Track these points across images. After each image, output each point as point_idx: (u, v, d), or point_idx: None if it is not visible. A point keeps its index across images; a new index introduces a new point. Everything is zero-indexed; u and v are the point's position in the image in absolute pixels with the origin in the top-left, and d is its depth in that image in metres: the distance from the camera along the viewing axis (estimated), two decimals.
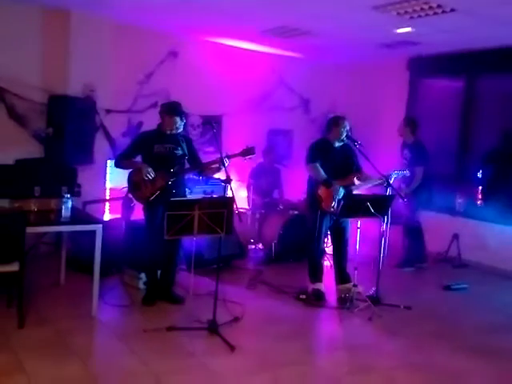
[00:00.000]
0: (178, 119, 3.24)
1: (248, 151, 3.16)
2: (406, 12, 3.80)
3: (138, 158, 3.36)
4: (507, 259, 4.63)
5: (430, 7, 3.64)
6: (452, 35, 4.41)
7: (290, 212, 4.82)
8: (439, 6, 3.62)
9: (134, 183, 3.28)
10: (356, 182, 3.70)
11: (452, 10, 3.67)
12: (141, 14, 4.39)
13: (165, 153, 3.27)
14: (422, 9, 3.69)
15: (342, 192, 3.46)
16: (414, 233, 4.57)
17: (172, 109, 3.26)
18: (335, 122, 3.64)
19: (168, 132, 3.29)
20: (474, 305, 3.81)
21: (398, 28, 4.32)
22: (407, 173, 3.91)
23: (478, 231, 4.82)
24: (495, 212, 4.67)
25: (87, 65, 4.44)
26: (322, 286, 3.70)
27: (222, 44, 5.43)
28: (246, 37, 5.07)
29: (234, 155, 3.18)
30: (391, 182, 3.56)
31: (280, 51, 5.66)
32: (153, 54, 4.98)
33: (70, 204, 3.09)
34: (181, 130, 3.31)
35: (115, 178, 4.59)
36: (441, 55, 5.20)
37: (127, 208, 4.11)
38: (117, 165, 3.37)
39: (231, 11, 4.13)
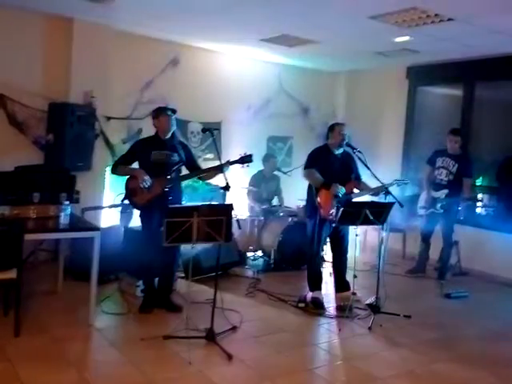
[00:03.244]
0: (165, 118, 3.26)
1: (246, 158, 3.16)
2: (404, 21, 3.83)
3: (135, 165, 3.36)
4: (507, 267, 4.61)
5: (428, 16, 3.68)
6: (450, 44, 4.44)
7: (290, 219, 4.81)
8: (437, 15, 3.65)
9: (131, 189, 3.28)
10: (355, 190, 3.70)
11: (450, 19, 3.71)
12: (142, 22, 4.43)
13: (162, 159, 3.27)
14: (419, 18, 3.73)
15: (342, 190, 3.45)
16: (450, 245, 4.53)
17: (157, 111, 3.33)
18: (332, 129, 3.66)
19: (164, 137, 3.30)
20: (475, 313, 3.79)
21: (397, 37, 4.36)
22: (407, 181, 4.03)
23: (478, 239, 4.81)
24: (496, 219, 4.66)
25: (88, 72, 4.47)
26: (321, 295, 3.68)
27: (222, 52, 5.47)
28: (247, 45, 5.11)
29: (232, 162, 3.18)
30: (390, 189, 3.56)
31: (280, 59, 5.70)
32: (153, 62, 5.02)
33: (68, 211, 3.09)
34: (174, 127, 3.33)
35: (114, 185, 4.60)
36: (439, 63, 5.24)
37: (125, 215, 4.10)
38: (113, 171, 3.38)
39: (232, 20, 4.17)
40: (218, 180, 3.41)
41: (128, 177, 3.32)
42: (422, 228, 4.68)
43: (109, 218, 4.64)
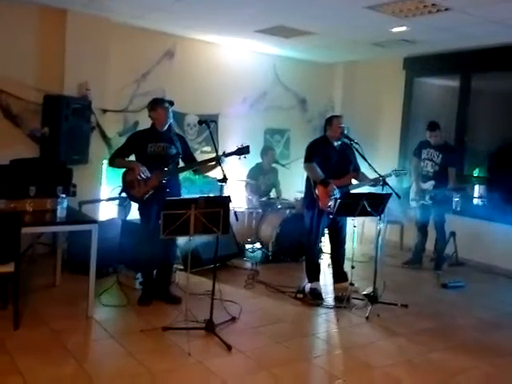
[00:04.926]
0: (162, 110, 3.24)
1: (243, 150, 3.15)
2: (401, 11, 3.81)
3: (132, 158, 3.35)
4: (504, 257, 4.65)
5: (425, 6, 3.65)
6: (447, 34, 4.43)
7: (288, 211, 4.82)
8: (434, 5, 3.63)
9: (128, 182, 3.26)
10: (353, 181, 3.71)
11: (447, 9, 3.69)
12: (137, 14, 4.38)
13: (159, 152, 3.26)
14: (416, 8, 3.71)
15: (337, 193, 3.48)
16: (444, 235, 4.56)
17: (154, 102, 3.30)
18: (330, 122, 3.65)
19: (161, 129, 3.28)
20: (471, 303, 3.82)
21: (394, 27, 4.33)
22: (406, 171, 4.11)
23: (474, 229, 4.84)
24: (492, 210, 4.70)
25: (83, 64, 4.42)
26: (319, 285, 3.70)
27: (218, 43, 5.43)
28: (243, 36, 5.07)
29: (229, 154, 3.16)
30: (387, 179, 3.57)
31: (277, 50, 5.66)
32: (149, 54, 4.97)
33: (65, 204, 3.08)
34: (171, 120, 3.32)
35: (111, 178, 4.58)
36: (436, 54, 5.23)
37: (123, 208, 4.10)
38: (111, 164, 3.36)
39: (228, 11, 4.12)
40: (216, 172, 3.40)
41: (125, 170, 3.31)
42: (417, 220, 4.71)
43: (106, 211, 4.63)
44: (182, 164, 3.45)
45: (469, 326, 3.34)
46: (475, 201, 5.22)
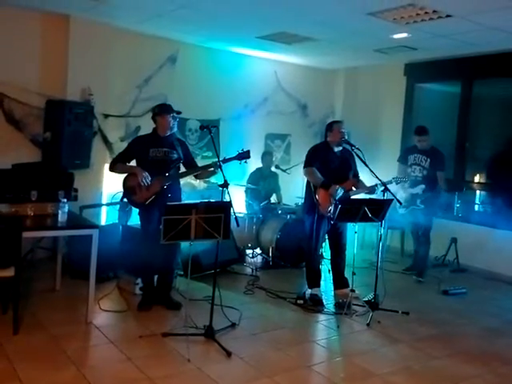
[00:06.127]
0: (169, 118, 3.25)
1: (243, 155, 3.16)
2: (402, 18, 3.83)
3: (133, 163, 3.36)
4: (506, 264, 4.63)
5: (426, 13, 3.67)
6: (448, 40, 4.44)
7: (288, 217, 4.81)
8: (435, 12, 3.65)
9: (130, 188, 3.27)
10: (353, 188, 3.71)
11: (448, 16, 3.70)
12: (140, 20, 4.41)
13: (160, 157, 3.27)
14: (418, 14, 3.72)
15: (340, 192, 3.46)
16: (428, 241, 4.53)
17: (163, 108, 3.29)
18: (330, 127, 3.66)
19: (163, 135, 3.29)
20: (473, 309, 3.80)
21: (395, 34, 4.35)
22: (406, 179, 4.06)
23: (476, 235, 4.82)
24: (494, 216, 4.68)
25: (85, 69, 4.46)
26: (319, 291, 3.69)
27: (220, 49, 5.46)
28: (245, 42, 5.10)
29: (230, 159, 3.17)
30: (388, 187, 3.56)
31: (278, 56, 5.69)
32: (151, 59, 5.00)
33: (66, 208, 3.08)
34: (175, 129, 3.32)
35: (112, 183, 4.59)
36: (437, 60, 5.25)
37: (124, 213, 4.10)
38: (111, 169, 3.36)
39: (230, 17, 4.15)
40: (216, 177, 3.41)
41: (126, 175, 3.31)
42: (411, 226, 4.67)
43: (107, 216, 4.64)
44: (182, 169, 3.45)
45: (471, 333, 3.32)
46: (476, 207, 5.21)
